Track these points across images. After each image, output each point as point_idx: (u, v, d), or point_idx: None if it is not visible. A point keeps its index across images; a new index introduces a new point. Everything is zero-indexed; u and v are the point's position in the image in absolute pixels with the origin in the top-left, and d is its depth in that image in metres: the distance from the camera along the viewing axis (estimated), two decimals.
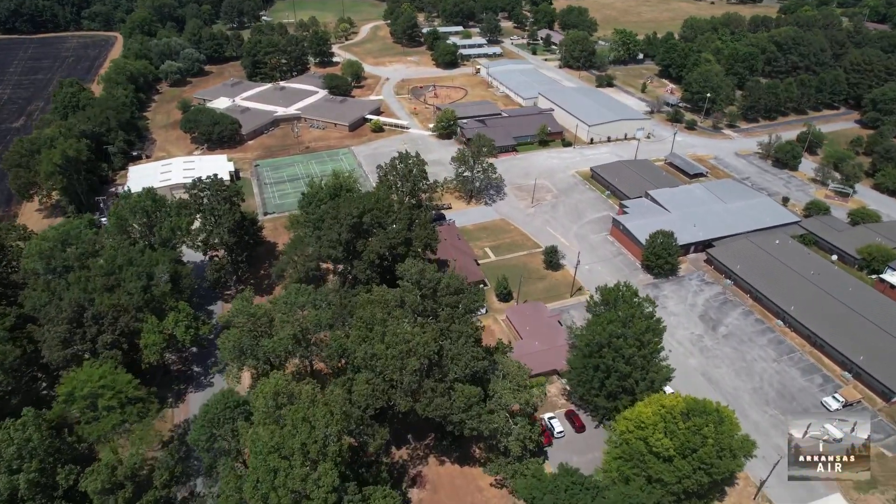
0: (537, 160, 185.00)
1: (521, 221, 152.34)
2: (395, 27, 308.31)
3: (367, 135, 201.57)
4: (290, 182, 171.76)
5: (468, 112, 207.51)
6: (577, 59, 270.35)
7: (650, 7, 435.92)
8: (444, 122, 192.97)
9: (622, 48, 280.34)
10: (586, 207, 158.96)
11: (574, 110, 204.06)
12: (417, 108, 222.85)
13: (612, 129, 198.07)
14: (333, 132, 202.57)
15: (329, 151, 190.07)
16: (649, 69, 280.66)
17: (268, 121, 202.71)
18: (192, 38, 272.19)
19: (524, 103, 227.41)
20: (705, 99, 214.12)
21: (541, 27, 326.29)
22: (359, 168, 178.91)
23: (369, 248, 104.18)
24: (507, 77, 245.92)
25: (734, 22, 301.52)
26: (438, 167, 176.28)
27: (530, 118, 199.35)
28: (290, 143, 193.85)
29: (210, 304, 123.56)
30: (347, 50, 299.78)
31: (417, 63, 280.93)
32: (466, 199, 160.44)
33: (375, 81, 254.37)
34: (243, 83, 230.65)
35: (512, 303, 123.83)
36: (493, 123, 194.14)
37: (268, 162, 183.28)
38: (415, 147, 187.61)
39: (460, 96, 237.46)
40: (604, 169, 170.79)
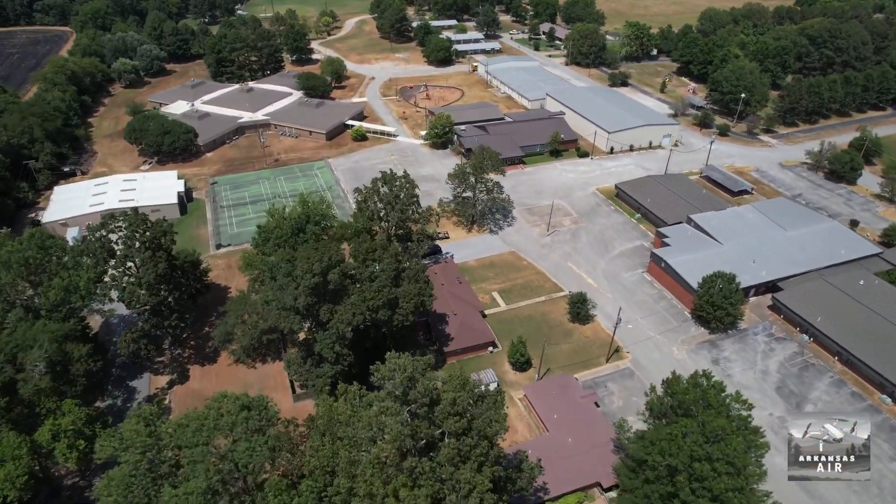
0: (550, 175, 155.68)
1: (536, 255, 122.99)
2: (382, 21, 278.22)
3: (348, 144, 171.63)
4: (253, 204, 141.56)
5: (466, 116, 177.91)
6: (585, 55, 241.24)
7: (656, 0, 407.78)
8: (437, 128, 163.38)
9: (635, 43, 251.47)
10: (614, 235, 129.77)
11: (590, 114, 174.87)
12: (407, 112, 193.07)
13: (634, 137, 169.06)
14: (308, 141, 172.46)
15: (302, 165, 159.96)
16: (666, 66, 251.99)
17: (231, 128, 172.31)
18: (152, 32, 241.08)
19: (530, 106, 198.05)
20: (738, 100, 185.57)
21: (542, 20, 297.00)
22: (336, 186, 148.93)
23: (338, 316, 74.55)
24: (509, 75, 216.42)
25: (756, 13, 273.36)
26: (432, 184, 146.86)
27: (539, 124, 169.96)
28: (255, 154, 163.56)
29: (134, 379, 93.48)
30: (329, 46, 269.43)
31: (407, 60, 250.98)
32: (467, 226, 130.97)
33: (359, 81, 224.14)
34: (206, 84, 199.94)
35: (531, 373, 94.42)
36: (496, 130, 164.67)
37: (227, 178, 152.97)
38: (403, 158, 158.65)
39: (456, 98, 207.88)
40: (631, 186, 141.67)
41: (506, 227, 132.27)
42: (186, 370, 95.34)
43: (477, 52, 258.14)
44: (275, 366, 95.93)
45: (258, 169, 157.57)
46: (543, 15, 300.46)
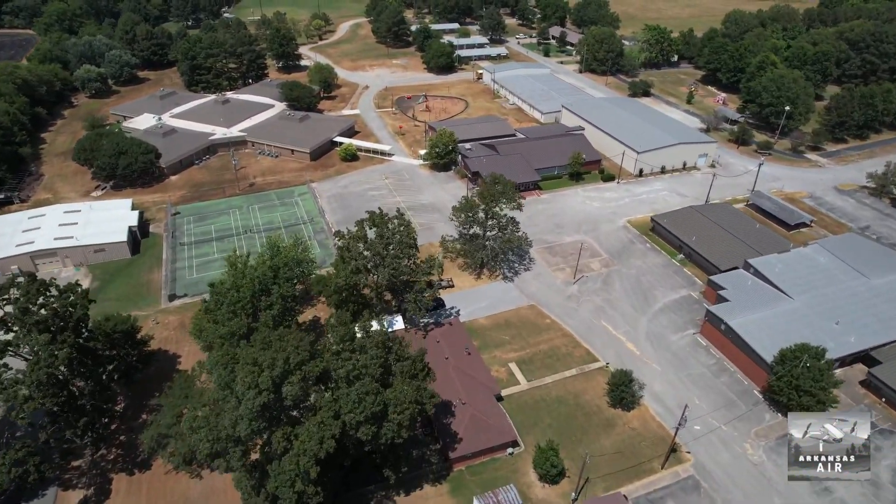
0: (571, 203, 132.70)
1: (561, 309, 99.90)
2: (378, 24, 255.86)
3: (335, 165, 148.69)
4: (220, 241, 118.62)
5: (471, 132, 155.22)
6: (601, 61, 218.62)
7: (668, 3, 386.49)
8: (439, 147, 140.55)
9: (655, 48, 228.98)
10: (654, 282, 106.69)
11: (614, 130, 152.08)
12: (404, 127, 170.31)
13: (666, 157, 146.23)
14: (289, 161, 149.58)
15: (281, 191, 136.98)
16: (689, 74, 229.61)
17: (200, 146, 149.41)
18: (124, 36, 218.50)
19: (543, 119, 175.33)
20: (780, 113, 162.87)
21: (551, 24, 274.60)
22: (320, 217, 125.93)
23: (299, 445, 51.49)
24: (519, 84, 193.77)
25: (786, 16, 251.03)
26: (432, 216, 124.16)
27: (556, 142, 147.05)
28: (228, 178, 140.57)
29: (30, 501, 69.90)
30: (320, 52, 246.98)
31: (405, 67, 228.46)
32: (475, 271, 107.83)
33: (351, 91, 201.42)
34: (178, 95, 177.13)
35: (564, 487, 71.19)
36: (507, 150, 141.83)
37: (192, 208, 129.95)
38: (400, 183, 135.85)
39: (459, 110, 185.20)
40: (670, 219, 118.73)
41: (522, 271, 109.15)
42: (109, 480, 72.13)
43: (481, 58, 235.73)
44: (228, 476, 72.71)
45: (229, 195, 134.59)
46: (552, 18, 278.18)
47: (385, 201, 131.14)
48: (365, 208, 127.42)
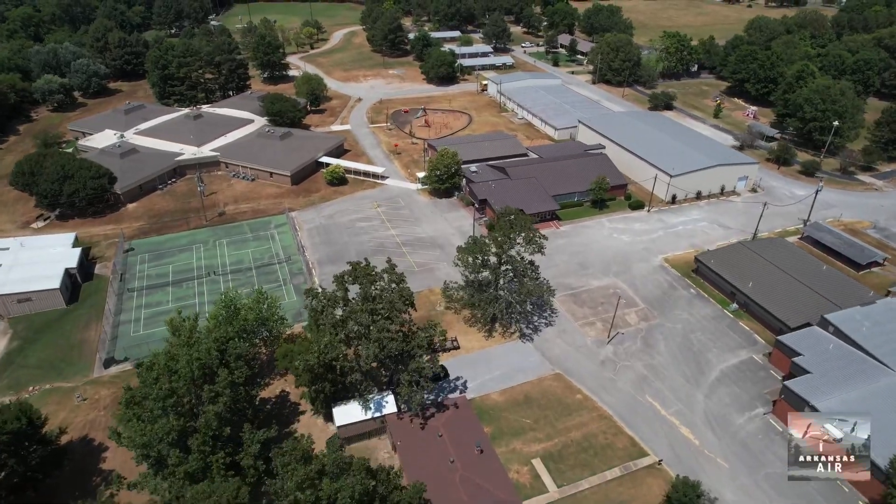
0: (596, 237, 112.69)
1: (594, 380, 79.62)
2: (374, 31, 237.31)
3: (321, 190, 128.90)
4: (178, 285, 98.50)
5: (477, 152, 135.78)
6: (617, 71, 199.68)
7: (679, 10, 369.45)
8: (440, 169, 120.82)
9: (674, 57, 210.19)
10: (706, 342, 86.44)
11: (641, 150, 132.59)
12: (400, 145, 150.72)
13: (702, 181, 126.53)
14: (267, 186, 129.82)
15: (255, 221, 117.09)
16: (711, 85, 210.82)
17: (165, 168, 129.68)
18: (95, 44, 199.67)
19: (557, 136, 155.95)
20: (827, 129, 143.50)
21: (559, 31, 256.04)
22: (298, 254, 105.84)
23: None
24: (528, 97, 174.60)
25: (813, 22, 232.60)
26: (431, 253, 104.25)
27: (574, 163, 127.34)
28: (195, 206, 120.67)
29: None
30: (311, 61, 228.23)
31: (402, 77, 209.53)
32: (486, 328, 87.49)
33: (342, 103, 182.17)
34: (146, 108, 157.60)
35: None
36: (519, 172, 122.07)
37: (149, 243, 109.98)
38: (394, 212, 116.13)
39: (462, 125, 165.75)
40: (718, 259, 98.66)
41: (543, 326, 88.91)
42: None
43: (486, 68, 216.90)
44: None
45: (194, 227, 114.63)
46: (560, 25, 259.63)
47: (376, 235, 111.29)
48: (353, 243, 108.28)
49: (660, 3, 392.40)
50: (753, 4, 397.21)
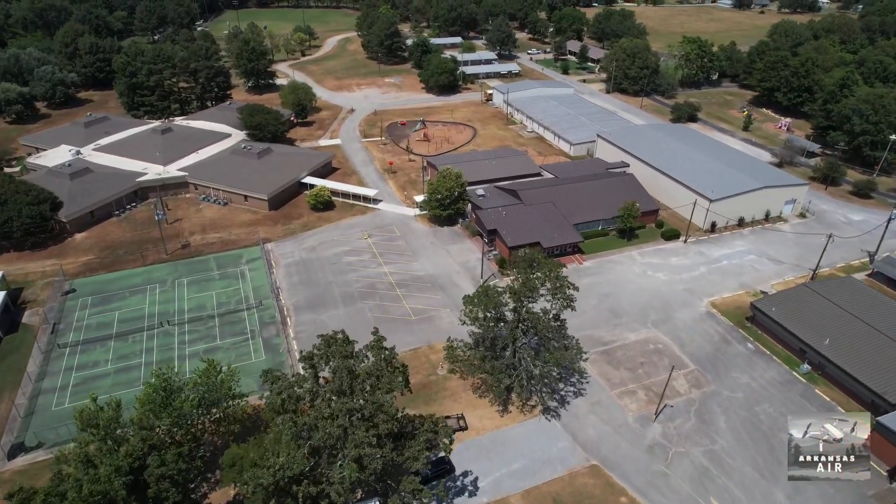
0: (626, 274, 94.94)
1: (641, 475, 61.64)
2: (369, 37, 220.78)
3: (303, 216, 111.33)
4: (121, 339, 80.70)
5: (483, 171, 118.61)
6: (633, 80, 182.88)
7: (690, 17, 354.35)
8: (441, 193, 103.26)
9: (694, 64, 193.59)
10: (777, 416, 68.51)
11: (673, 169, 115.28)
12: (396, 163, 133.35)
13: (745, 205, 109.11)
14: (241, 211, 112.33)
15: (224, 255, 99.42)
16: (735, 94, 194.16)
17: (124, 191, 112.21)
18: (64, 49, 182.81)
19: (572, 152, 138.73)
20: (882, 143, 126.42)
21: (567, 37, 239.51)
22: (272, 298, 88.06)
23: None
24: (538, 107, 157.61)
25: (842, 27, 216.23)
26: (432, 296, 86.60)
27: (597, 185, 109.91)
28: (153, 236, 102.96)
29: None
30: (301, 69, 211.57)
31: (399, 86, 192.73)
32: (500, 403, 69.33)
33: (332, 115, 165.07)
34: (110, 121, 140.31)
35: None
36: (533, 195, 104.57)
37: (95, 283, 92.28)
38: (388, 243, 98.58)
39: (465, 139, 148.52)
40: (780, 306, 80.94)
41: (571, 396, 71.01)
42: None
43: (490, 76, 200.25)
44: None
45: (151, 263, 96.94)
46: (568, 31, 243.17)
47: (365, 273, 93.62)
48: (338, 284, 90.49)
49: (669, 10, 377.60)
50: (766, 11, 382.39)
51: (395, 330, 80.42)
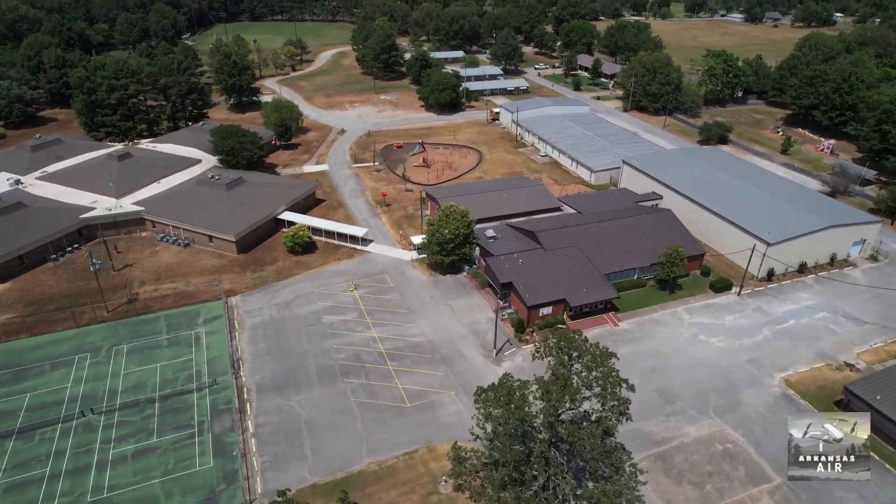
0: (673, 340, 76.36)
1: None
2: (365, 51, 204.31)
3: (277, 260, 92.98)
4: (24, 439, 62.16)
5: (493, 205, 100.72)
6: (655, 97, 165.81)
7: (702, 31, 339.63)
8: (443, 234, 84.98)
9: (719, 80, 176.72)
10: None
11: (719, 204, 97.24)
12: (391, 194, 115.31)
13: (807, 248, 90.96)
14: (204, 255, 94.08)
15: (177, 312, 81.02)
16: (764, 112, 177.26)
17: (64, 230, 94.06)
18: (27, 63, 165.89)
19: (594, 180, 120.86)
20: None
21: (577, 51, 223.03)
22: (229, 375, 69.33)
23: None
24: (552, 128, 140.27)
25: (877, 39, 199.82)
26: (432, 373, 68.40)
27: (630, 224, 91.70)
28: (91, 287, 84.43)
29: None
30: (290, 84, 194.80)
31: (396, 104, 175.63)
32: None
33: (321, 136, 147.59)
34: (63, 144, 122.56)
35: None
36: (554, 238, 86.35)
37: (8, 351, 73.73)
38: (378, 298, 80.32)
39: (470, 164, 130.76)
40: (886, 391, 62.31)
41: None
42: None
43: (496, 93, 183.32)
44: None
45: (87, 323, 78.56)
46: (579, 44, 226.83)
47: (349, 338, 75.22)
48: (314, 353, 71.53)
49: (679, 24, 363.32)
50: (779, 25, 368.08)
51: (384, 423, 62.17)
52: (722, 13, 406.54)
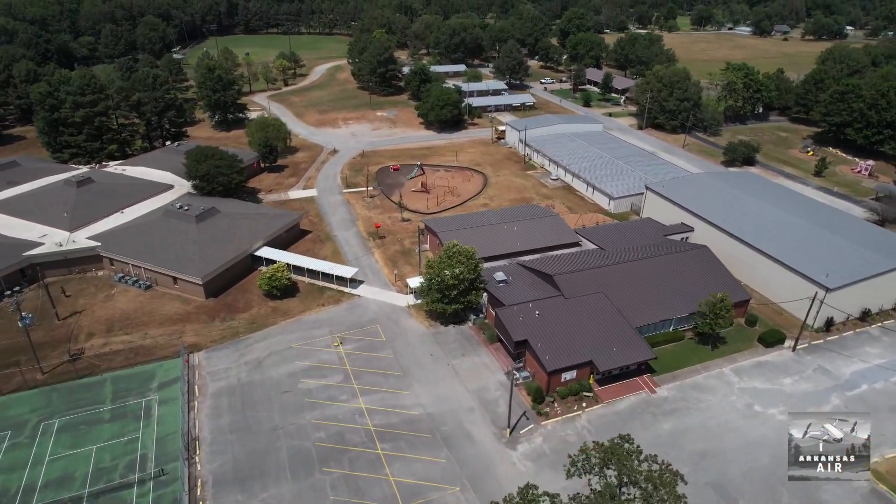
0: (722, 412, 62.92)
1: None
2: (361, 64, 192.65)
3: (251, 306, 79.74)
4: None
5: (502, 240, 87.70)
6: (672, 113, 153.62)
7: (711, 44, 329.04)
8: (444, 279, 71.75)
9: (740, 95, 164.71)
10: None
11: (763, 241, 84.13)
12: (385, 224, 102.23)
13: (870, 292, 77.76)
14: (168, 299, 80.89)
15: (128, 374, 67.72)
16: (789, 130, 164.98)
17: (4, 270, 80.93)
18: None
19: (612, 207, 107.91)
20: None
21: (585, 64, 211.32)
22: (180, 462, 55.75)
23: None
24: (563, 148, 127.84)
25: None
26: (431, 464, 54.17)
27: (664, 265, 78.54)
28: (38, 339, 71.08)
29: None
30: (282, 100, 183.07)
31: (393, 121, 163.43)
32: None
33: (310, 157, 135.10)
34: (19, 168, 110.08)
35: None
36: (575, 282, 73.23)
37: None
38: (367, 354, 66.48)
39: (475, 189, 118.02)
40: None
41: None
42: None
43: (500, 109, 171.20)
44: None
45: (12, 390, 65.21)
46: (587, 57, 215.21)
47: (331, 411, 61.85)
48: (287, 433, 58.87)
49: (687, 36, 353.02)
50: (789, 38, 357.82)
51: None
52: (729, 26, 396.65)
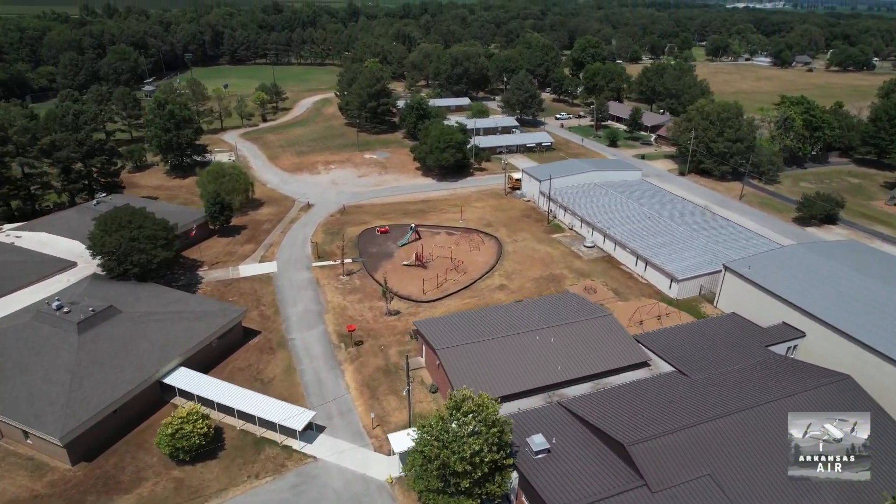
0: None
1: None
2: (349, 97, 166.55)
3: (146, 478, 50.20)
4: None
5: (533, 363, 58.48)
6: (722, 157, 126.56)
7: (732, 75, 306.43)
8: (446, 459, 42.40)
9: (800, 134, 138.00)
10: None
11: None
12: (363, 323, 73.02)
13: None
14: (15, 468, 51.29)
15: None
16: (860, 175, 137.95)
17: None
18: None
19: (676, 292, 78.88)
20: None
21: (607, 97, 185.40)
22: None
23: None
24: (598, 204, 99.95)
25: None
26: None
27: (787, 406, 48.99)
28: None
29: None
30: (256, 139, 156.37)
31: (384, 165, 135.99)
32: None
33: (278, 213, 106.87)
34: None
35: None
36: (661, 454, 44.25)
37: None
38: None
39: (486, 263, 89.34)
40: None
41: None
42: None
43: (512, 151, 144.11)
44: None
45: None
46: (606, 89, 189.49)
47: None
48: None
49: (705, 67, 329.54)
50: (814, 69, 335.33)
51: None
52: (746, 57, 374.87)
